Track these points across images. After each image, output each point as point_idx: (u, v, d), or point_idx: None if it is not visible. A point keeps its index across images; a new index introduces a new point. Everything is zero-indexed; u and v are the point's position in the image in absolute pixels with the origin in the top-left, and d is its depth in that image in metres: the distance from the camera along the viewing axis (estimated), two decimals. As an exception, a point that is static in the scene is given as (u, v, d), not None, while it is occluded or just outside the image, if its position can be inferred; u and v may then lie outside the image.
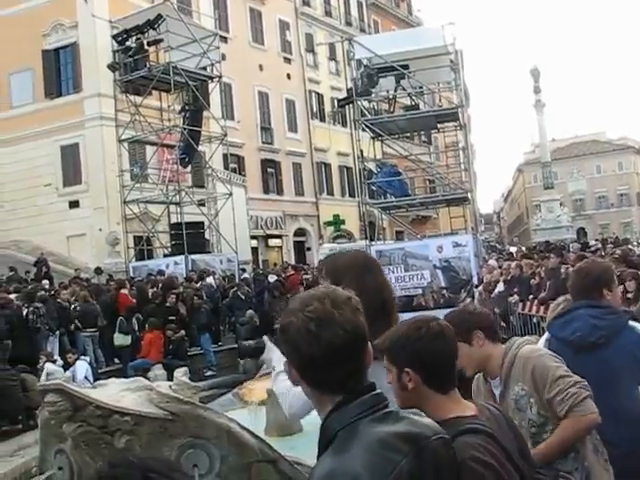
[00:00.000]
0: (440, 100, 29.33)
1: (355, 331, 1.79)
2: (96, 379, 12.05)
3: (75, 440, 3.97)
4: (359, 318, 1.83)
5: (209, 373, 16.50)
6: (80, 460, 4.02)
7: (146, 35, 25.06)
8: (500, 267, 18.19)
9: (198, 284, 19.81)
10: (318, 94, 43.19)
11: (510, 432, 2.29)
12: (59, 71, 29.71)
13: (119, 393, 4.06)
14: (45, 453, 4.38)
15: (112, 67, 25.34)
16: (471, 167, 26.96)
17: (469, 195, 23.47)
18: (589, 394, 3.05)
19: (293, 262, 32.10)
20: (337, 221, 39.50)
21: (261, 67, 37.71)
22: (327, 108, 43.21)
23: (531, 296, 14.67)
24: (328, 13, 45.51)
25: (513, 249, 32.45)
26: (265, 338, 3.26)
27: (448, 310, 3.46)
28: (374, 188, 24.15)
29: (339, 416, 1.76)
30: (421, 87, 24.68)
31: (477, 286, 18.69)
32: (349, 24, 46.94)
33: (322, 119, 42.92)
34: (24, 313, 14.39)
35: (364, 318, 1.85)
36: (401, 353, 2.22)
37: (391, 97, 24.80)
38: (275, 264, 31.13)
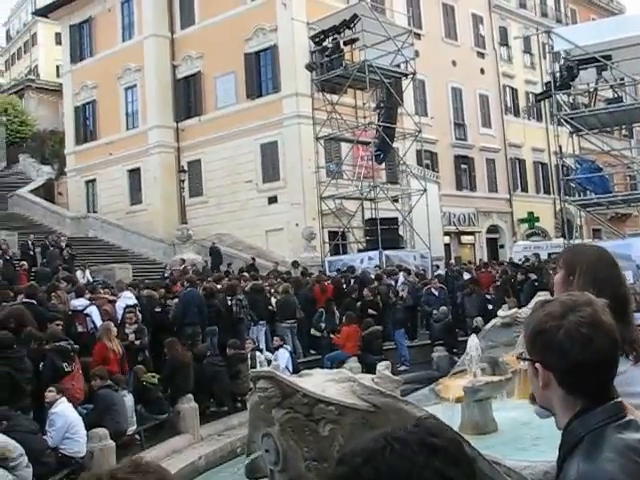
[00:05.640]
0: (646, 91, 27.74)
1: (617, 337, 1.83)
2: (295, 369, 12.59)
3: (282, 425, 4.23)
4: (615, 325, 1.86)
5: (402, 368, 16.58)
6: (286, 444, 4.27)
7: (342, 35, 25.68)
8: None
9: (396, 279, 19.99)
10: (512, 88, 42.12)
11: None
12: (259, 73, 30.97)
13: (324, 383, 4.27)
14: (253, 435, 4.69)
15: (309, 67, 26.15)
16: (679, 162, 25.33)
17: (677, 192, 22.10)
18: None
19: (485, 259, 31.60)
20: (531, 218, 38.44)
21: (454, 62, 37.31)
22: (521, 103, 42.10)
23: None
24: (522, 5, 44.18)
25: None
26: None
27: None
28: (572, 185, 23.29)
29: (584, 421, 1.79)
30: (623, 78, 23.44)
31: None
32: (545, 15, 45.32)
33: (516, 114, 41.82)
34: (229, 304, 15.26)
35: None
36: None
37: (592, 90, 23.77)
38: (469, 261, 30.80)
